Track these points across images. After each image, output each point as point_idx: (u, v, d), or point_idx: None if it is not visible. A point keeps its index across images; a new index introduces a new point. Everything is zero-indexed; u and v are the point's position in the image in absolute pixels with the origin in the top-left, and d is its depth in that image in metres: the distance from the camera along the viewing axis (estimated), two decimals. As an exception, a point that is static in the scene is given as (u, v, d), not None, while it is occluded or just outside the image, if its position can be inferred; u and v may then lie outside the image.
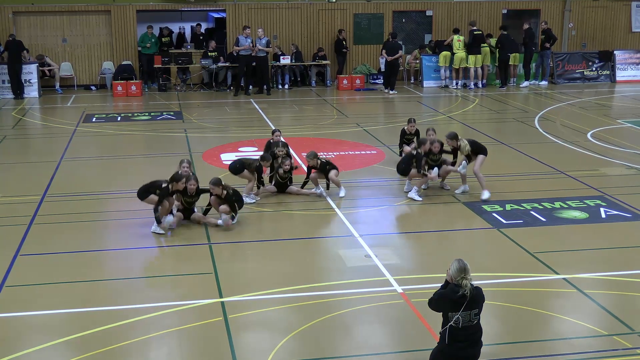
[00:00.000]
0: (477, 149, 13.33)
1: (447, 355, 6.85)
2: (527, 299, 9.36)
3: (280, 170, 13.42)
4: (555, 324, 8.80)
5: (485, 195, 13.17)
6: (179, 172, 12.11)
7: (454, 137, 13.37)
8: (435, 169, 13.55)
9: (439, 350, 6.92)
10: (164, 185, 11.77)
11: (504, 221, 12.19)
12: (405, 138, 15.77)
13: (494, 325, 8.51)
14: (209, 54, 26.87)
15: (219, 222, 11.90)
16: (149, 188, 11.94)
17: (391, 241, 11.73)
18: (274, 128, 14.04)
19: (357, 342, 8.30)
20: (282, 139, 14.11)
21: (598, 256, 10.86)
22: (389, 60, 26.15)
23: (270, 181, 13.69)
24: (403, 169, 13.46)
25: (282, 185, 13.66)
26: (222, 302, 9.21)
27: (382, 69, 27.81)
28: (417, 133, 15.65)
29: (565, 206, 12.93)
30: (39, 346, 8.16)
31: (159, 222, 11.54)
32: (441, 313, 6.82)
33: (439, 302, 6.81)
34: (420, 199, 13.33)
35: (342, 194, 13.48)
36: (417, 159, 13.26)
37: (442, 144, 13.61)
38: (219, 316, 8.84)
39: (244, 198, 12.78)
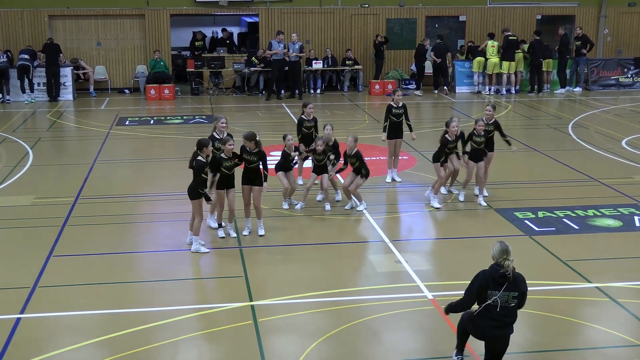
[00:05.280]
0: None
1: (475, 327, 7.10)
2: (559, 307, 9.27)
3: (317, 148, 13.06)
4: (588, 332, 8.71)
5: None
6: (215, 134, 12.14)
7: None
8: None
9: (469, 319, 7.16)
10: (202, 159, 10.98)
11: (536, 228, 12.08)
12: (448, 148, 13.37)
13: (526, 333, 8.43)
14: (252, 59, 26.99)
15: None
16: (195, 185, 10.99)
17: (422, 247, 11.69)
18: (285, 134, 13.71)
19: (386, 347, 8.28)
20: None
21: (632, 265, 10.72)
22: (439, 62, 27.07)
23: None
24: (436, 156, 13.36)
25: (320, 168, 13.20)
26: (252, 306, 9.23)
27: (414, 71, 28.03)
28: (461, 135, 13.62)
29: (599, 214, 12.79)
30: (70, 346, 8.24)
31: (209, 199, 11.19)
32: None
33: (472, 285, 7.00)
34: (440, 205, 13.23)
35: (360, 207, 13.04)
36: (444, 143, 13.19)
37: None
38: (249, 319, 8.86)
39: (284, 204, 13.12)
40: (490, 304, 6.91)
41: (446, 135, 13.15)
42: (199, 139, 11.10)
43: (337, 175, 13.57)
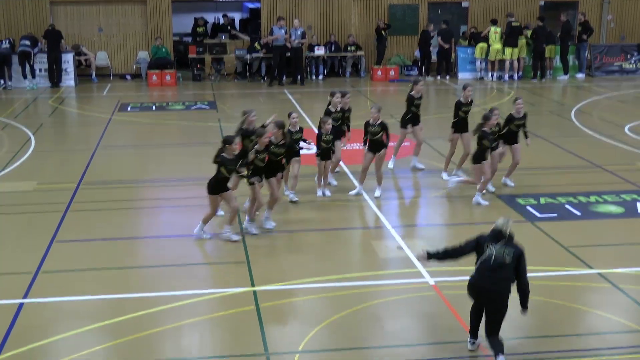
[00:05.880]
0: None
1: (471, 286, 7.53)
2: (560, 293, 9.28)
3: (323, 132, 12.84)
4: (589, 318, 8.73)
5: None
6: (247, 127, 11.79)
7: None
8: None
9: (469, 283, 7.57)
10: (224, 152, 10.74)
11: (538, 215, 12.08)
12: (462, 111, 14.07)
13: (527, 319, 8.43)
14: (255, 45, 26.94)
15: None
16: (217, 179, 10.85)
17: (424, 233, 11.70)
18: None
19: (387, 333, 8.30)
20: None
21: (633, 251, 10.72)
22: (446, 47, 27.29)
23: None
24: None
25: (325, 153, 12.99)
26: (254, 291, 9.25)
27: (419, 57, 27.97)
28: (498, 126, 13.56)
29: (601, 200, 12.79)
30: (73, 331, 8.27)
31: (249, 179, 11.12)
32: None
33: (470, 240, 7.61)
34: (487, 202, 12.63)
35: (377, 193, 12.99)
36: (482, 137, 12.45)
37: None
38: (251, 305, 8.88)
39: (285, 191, 12.86)
40: (485, 258, 7.33)
41: (484, 129, 12.35)
42: (225, 136, 10.92)
43: (341, 164, 13.46)
